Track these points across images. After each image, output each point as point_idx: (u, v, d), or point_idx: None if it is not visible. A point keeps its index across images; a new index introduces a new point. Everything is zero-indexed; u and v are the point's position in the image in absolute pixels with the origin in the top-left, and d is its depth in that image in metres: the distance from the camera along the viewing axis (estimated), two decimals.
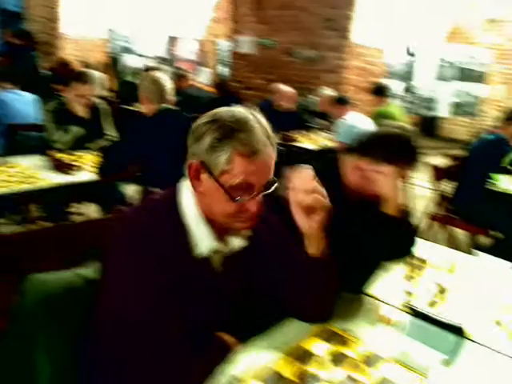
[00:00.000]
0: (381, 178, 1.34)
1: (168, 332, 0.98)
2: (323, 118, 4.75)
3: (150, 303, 0.97)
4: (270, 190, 0.99)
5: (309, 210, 1.05)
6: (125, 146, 2.35)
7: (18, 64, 5.12)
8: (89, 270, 1.19)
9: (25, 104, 3.53)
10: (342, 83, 6.07)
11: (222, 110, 0.97)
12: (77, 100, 2.72)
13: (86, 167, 2.46)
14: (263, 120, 0.99)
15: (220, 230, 1.03)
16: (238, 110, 0.97)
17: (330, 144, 3.95)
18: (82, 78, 2.69)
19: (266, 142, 0.95)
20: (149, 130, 2.32)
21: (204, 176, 0.96)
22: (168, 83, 2.42)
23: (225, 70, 12.02)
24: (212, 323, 1.10)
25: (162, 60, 11.06)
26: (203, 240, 1.01)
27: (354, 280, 1.37)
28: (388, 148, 1.36)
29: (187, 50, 11.94)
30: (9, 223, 3.32)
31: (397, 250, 1.45)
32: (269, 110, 4.25)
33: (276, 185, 0.99)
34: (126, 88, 6.13)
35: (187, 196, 1.03)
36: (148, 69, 6.15)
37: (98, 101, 2.93)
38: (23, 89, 3.71)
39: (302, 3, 6.39)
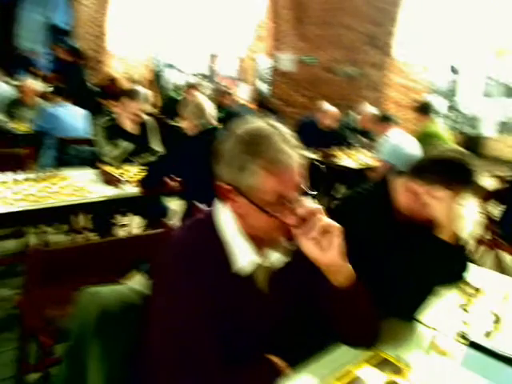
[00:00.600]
0: (435, 202, 1.31)
1: (213, 351, 0.98)
2: (364, 135, 4.71)
3: (194, 322, 0.97)
4: (307, 196, 0.96)
5: (321, 240, 0.96)
6: (168, 162, 2.41)
7: (69, 80, 5.36)
8: (141, 285, 1.22)
9: (75, 118, 3.70)
10: (383, 100, 6.01)
11: (243, 128, 0.98)
12: (127, 116, 2.83)
13: (133, 181, 2.53)
14: (285, 130, 0.98)
15: (259, 244, 1.03)
16: (257, 126, 0.97)
17: (372, 162, 3.89)
18: (132, 95, 2.80)
19: (292, 152, 0.94)
20: (191, 147, 2.38)
21: (237, 197, 0.97)
22: (209, 106, 2.48)
23: (264, 87, 12.18)
24: (258, 343, 1.09)
25: (203, 76, 11.34)
26: (243, 254, 1.01)
27: (404, 306, 1.34)
28: (444, 172, 1.33)
29: (228, 67, 12.18)
30: (56, 232, 3.46)
31: (450, 275, 1.41)
32: (312, 128, 4.27)
33: (313, 192, 0.97)
34: (169, 103, 6.30)
35: (224, 212, 1.03)
36: (190, 85, 6.32)
37: (146, 117, 3.03)
38: (74, 104, 3.89)
39: (344, 21, 6.41)
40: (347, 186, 3.95)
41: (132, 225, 3.26)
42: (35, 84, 4.30)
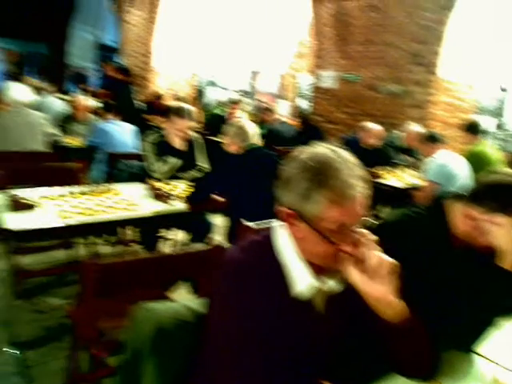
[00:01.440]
0: (496, 229, 1.26)
1: (268, 374, 0.97)
2: (409, 153, 4.61)
3: (250, 344, 0.97)
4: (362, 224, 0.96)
5: (373, 273, 0.94)
6: (214, 179, 2.44)
7: (118, 96, 5.59)
8: (196, 303, 1.23)
9: (125, 134, 3.83)
10: (428, 119, 5.88)
11: (308, 154, 0.97)
12: (175, 133, 2.91)
13: (180, 197, 2.58)
14: (351, 158, 0.97)
15: (316, 271, 1.02)
16: (324, 153, 0.96)
17: (418, 182, 3.81)
18: (180, 112, 2.87)
19: (357, 183, 0.94)
20: (237, 166, 2.41)
21: (298, 222, 0.97)
22: (252, 127, 2.51)
23: (304, 104, 12.22)
24: (313, 368, 1.07)
25: (245, 93, 11.51)
26: (302, 278, 1.01)
27: (463, 337, 1.29)
28: (504, 198, 1.28)
29: (268, 84, 12.32)
30: (105, 244, 3.58)
31: (510, 306, 1.34)
32: (355, 146, 4.23)
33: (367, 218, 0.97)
34: (213, 120, 6.43)
35: (283, 236, 1.03)
36: (232, 102, 6.43)
37: (193, 134, 3.10)
38: (122, 120, 4.05)
39: (387, 38, 6.36)
40: (392, 207, 3.87)
41: (176, 239, 3.32)
42: (87, 100, 4.49)
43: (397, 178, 4.00)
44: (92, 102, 4.60)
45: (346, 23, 6.94)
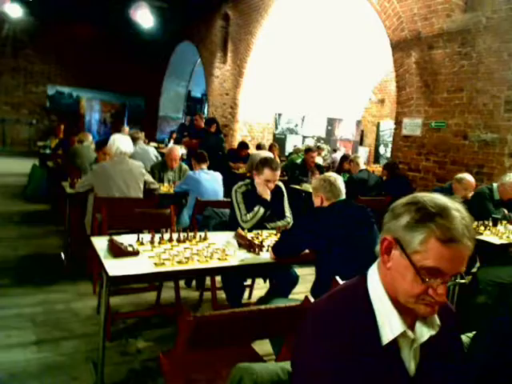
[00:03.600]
0: None
1: None
2: (507, 207, 4.26)
3: None
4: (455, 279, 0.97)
5: None
6: (301, 232, 2.36)
7: (207, 146, 5.89)
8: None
9: (214, 182, 4.00)
10: None
11: (423, 195, 1.00)
12: (265, 184, 2.97)
13: (266, 247, 2.59)
14: (464, 211, 0.97)
15: (407, 315, 1.00)
16: (440, 197, 0.98)
17: None
18: (271, 164, 2.94)
19: (465, 233, 0.93)
20: (325, 219, 2.32)
21: (396, 252, 0.98)
22: (341, 182, 2.46)
23: (386, 151, 11.99)
24: None
25: (323, 140, 11.60)
26: (391, 323, 0.98)
27: None
28: None
29: (346, 131, 12.33)
30: (185, 288, 3.68)
31: None
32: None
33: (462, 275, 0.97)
34: (292, 167, 6.50)
35: (374, 279, 1.04)
36: (311, 149, 6.48)
37: (278, 183, 3.15)
38: (208, 168, 4.23)
39: (480, 86, 6.12)
40: (488, 264, 3.55)
41: (258, 288, 3.32)
42: (178, 150, 4.79)
43: (495, 233, 3.69)
44: (183, 151, 4.90)
45: (433, 71, 6.84)
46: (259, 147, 7.32)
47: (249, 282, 3.50)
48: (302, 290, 2.90)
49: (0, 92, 13.33)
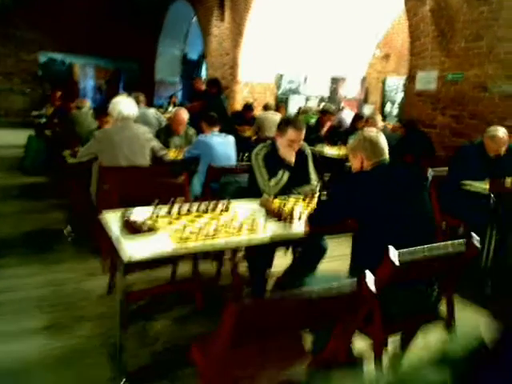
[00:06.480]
0: None
1: None
2: None
3: None
4: None
5: None
6: (340, 200, 2.02)
7: (211, 109, 5.51)
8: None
9: (227, 146, 3.68)
10: None
11: None
12: (289, 145, 2.66)
13: (297, 214, 2.32)
14: None
15: None
16: None
17: None
18: (296, 124, 2.62)
19: None
20: (367, 185, 1.97)
21: None
22: (383, 140, 2.10)
23: (392, 108, 11.57)
24: None
25: (327, 99, 11.17)
26: None
27: None
28: None
29: (351, 89, 11.87)
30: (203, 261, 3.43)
31: None
32: (479, 155, 3.69)
33: None
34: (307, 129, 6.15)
35: None
36: (325, 110, 6.11)
37: (303, 144, 2.84)
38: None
39: (501, 33, 5.68)
40: None
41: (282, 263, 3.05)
42: (185, 112, 4.43)
43: None
44: (186, 115, 4.52)
45: (450, 19, 6.37)
46: (266, 107, 6.93)
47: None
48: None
49: None
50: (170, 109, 9.61)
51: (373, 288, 1.37)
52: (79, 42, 13.23)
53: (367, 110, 11.37)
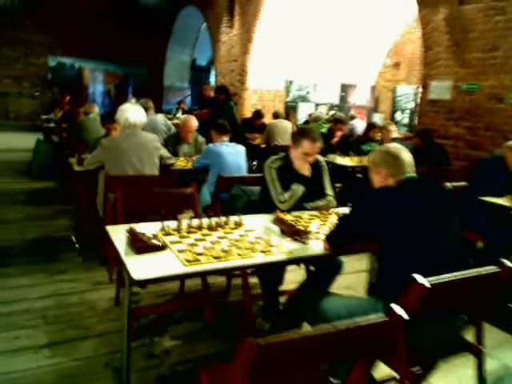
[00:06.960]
0: None
1: None
2: None
3: None
4: None
5: None
6: (363, 218, 1.87)
7: (219, 116, 5.41)
8: None
9: (238, 156, 3.57)
10: None
11: None
12: (303, 157, 2.54)
13: (312, 233, 2.20)
14: None
15: None
16: None
17: None
18: (312, 135, 2.50)
19: None
20: (392, 201, 1.81)
21: None
22: (407, 155, 1.95)
23: (403, 117, 11.42)
24: None
25: (336, 107, 11.06)
26: None
27: None
28: None
29: (360, 96, 11.77)
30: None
31: None
32: (499, 169, 3.55)
33: None
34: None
35: None
36: (338, 119, 5.99)
37: (319, 157, 2.72)
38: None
39: None
40: None
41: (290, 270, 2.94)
42: (194, 119, 4.33)
43: None
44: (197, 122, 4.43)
45: (464, 28, 6.26)
46: (276, 116, 6.82)
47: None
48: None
49: (1, 65, 12.78)
50: (179, 114, 9.54)
51: (405, 316, 1.27)
52: (89, 46, 13.26)
53: (377, 119, 11.25)
